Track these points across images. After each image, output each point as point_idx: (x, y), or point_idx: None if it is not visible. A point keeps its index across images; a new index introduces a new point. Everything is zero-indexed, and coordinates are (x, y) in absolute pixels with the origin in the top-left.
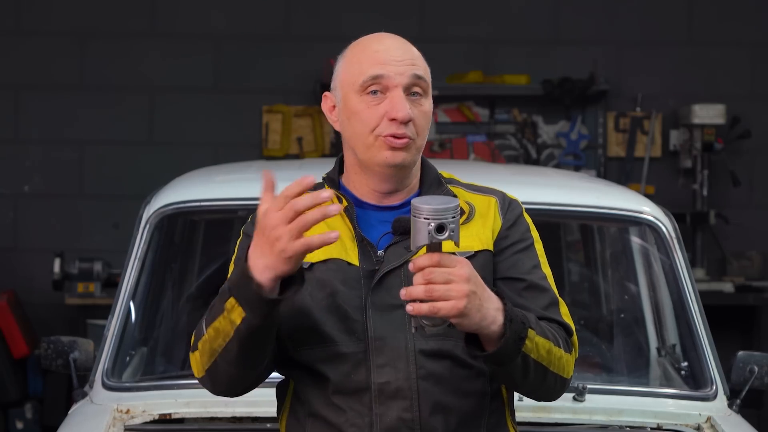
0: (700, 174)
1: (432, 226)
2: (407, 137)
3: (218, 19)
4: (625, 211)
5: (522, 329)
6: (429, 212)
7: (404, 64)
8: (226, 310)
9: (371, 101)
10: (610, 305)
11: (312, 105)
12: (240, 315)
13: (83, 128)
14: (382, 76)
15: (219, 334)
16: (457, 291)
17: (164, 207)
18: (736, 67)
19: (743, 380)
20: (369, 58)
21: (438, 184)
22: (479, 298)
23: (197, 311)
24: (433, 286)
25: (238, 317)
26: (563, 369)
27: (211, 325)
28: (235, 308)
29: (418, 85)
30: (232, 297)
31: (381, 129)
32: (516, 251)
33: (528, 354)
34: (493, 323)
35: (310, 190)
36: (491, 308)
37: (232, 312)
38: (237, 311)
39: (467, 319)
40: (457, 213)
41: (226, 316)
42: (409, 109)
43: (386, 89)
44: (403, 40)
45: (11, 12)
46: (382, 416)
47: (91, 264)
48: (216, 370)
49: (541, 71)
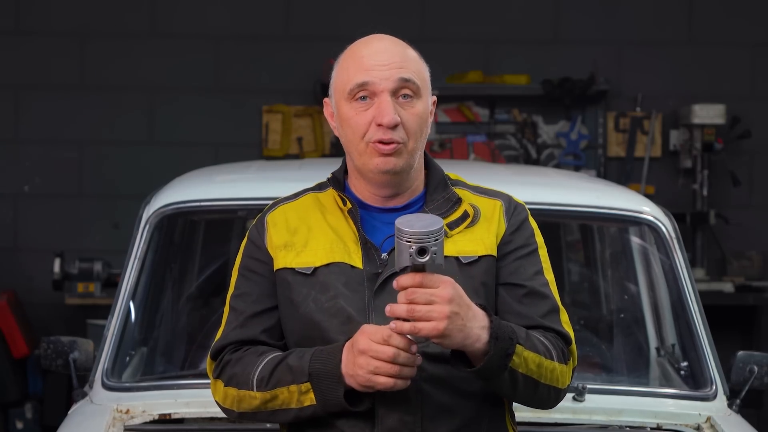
0: (700, 174)
1: (413, 249)
2: (395, 142)
3: (218, 19)
4: (625, 211)
5: (509, 345)
6: (410, 235)
7: (390, 68)
8: (297, 389)
9: (360, 107)
10: (610, 305)
11: (312, 105)
12: (311, 402)
13: (83, 128)
14: (367, 82)
15: (277, 400)
16: (439, 312)
17: (164, 207)
18: (736, 67)
19: (743, 380)
20: (355, 65)
21: (444, 186)
22: (462, 318)
23: (197, 311)
24: (415, 306)
25: (307, 402)
26: (556, 380)
27: (269, 390)
28: (309, 395)
29: (406, 88)
30: (311, 385)
31: (369, 135)
32: (518, 257)
33: (516, 369)
34: (477, 341)
35: (315, 190)
36: (475, 327)
37: (304, 396)
38: (309, 398)
39: (448, 339)
40: (441, 235)
41: (294, 393)
42: (398, 112)
43: (373, 95)
44: (394, 41)
45: (11, 12)
46: (384, 418)
47: (91, 264)
48: (254, 416)
49: (541, 71)
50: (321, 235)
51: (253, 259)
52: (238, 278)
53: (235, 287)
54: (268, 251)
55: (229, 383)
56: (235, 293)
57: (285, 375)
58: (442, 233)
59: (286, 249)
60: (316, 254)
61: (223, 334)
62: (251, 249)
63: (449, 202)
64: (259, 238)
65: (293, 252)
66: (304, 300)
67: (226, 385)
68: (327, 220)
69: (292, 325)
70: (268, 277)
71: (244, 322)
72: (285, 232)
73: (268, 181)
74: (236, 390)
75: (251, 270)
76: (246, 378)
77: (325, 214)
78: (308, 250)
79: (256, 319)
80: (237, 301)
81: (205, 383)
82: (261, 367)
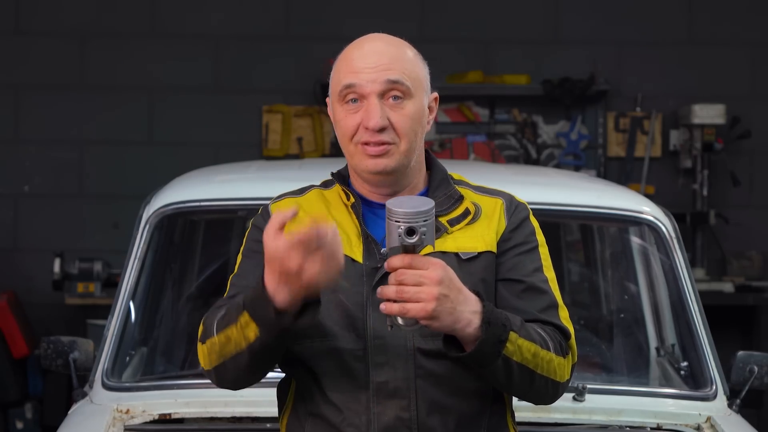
0: (700, 174)
1: (402, 229)
2: (384, 143)
3: (218, 19)
4: (625, 211)
5: (502, 332)
6: (400, 215)
7: (377, 70)
8: (240, 323)
9: (350, 109)
10: (610, 305)
11: (312, 105)
12: (254, 332)
13: (83, 128)
14: (354, 84)
15: (230, 341)
16: (427, 294)
17: (164, 207)
18: (736, 67)
19: (743, 380)
20: (345, 67)
21: (446, 184)
22: (452, 301)
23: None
24: (404, 287)
25: (252, 333)
26: (554, 372)
27: (222, 332)
28: (250, 325)
29: (395, 90)
30: (247, 313)
31: (358, 137)
32: (518, 253)
33: (510, 357)
34: (469, 326)
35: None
36: (466, 311)
37: (246, 327)
38: (251, 327)
39: (438, 321)
40: (431, 216)
41: (240, 329)
42: (388, 114)
43: (362, 97)
44: (388, 41)
45: (11, 12)
46: (380, 415)
47: (91, 264)
48: (224, 369)
49: (541, 71)
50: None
51: (256, 241)
52: (241, 261)
53: (238, 268)
54: None
55: (202, 339)
56: (237, 273)
57: (231, 313)
58: (432, 215)
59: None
60: None
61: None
62: (255, 233)
63: (451, 200)
64: (264, 223)
65: None
66: None
67: (202, 343)
68: (331, 214)
69: None
70: None
71: (238, 292)
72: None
73: (268, 181)
74: (206, 343)
75: (254, 251)
76: (210, 326)
77: (329, 208)
78: None
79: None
80: (237, 279)
81: (205, 383)
82: (220, 313)
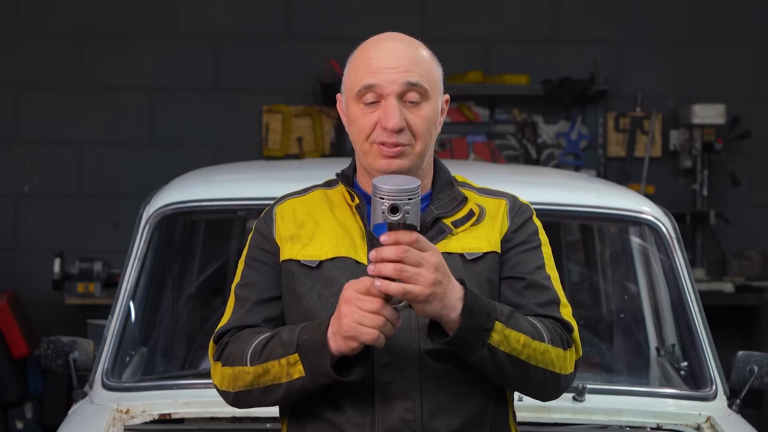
0: (700, 174)
1: (386, 206)
2: (401, 144)
3: (218, 19)
4: (625, 211)
5: (486, 321)
6: (384, 192)
7: (397, 71)
8: (286, 361)
9: (366, 109)
10: (610, 305)
11: (312, 105)
12: (300, 373)
13: (83, 128)
14: (374, 85)
15: (268, 374)
16: (425, 277)
17: (164, 207)
18: (736, 67)
19: (743, 380)
20: (364, 66)
21: (450, 185)
22: (444, 287)
23: (197, 311)
24: (405, 266)
25: (296, 373)
26: (551, 363)
27: (261, 364)
28: (297, 366)
29: (413, 92)
30: (298, 356)
31: (374, 136)
32: (520, 251)
33: (496, 347)
34: (453, 311)
35: (324, 187)
36: (453, 297)
37: (292, 367)
38: (298, 368)
39: (429, 306)
40: (416, 195)
41: (284, 366)
42: (405, 115)
43: (380, 97)
44: (406, 42)
45: (11, 12)
46: (384, 416)
47: (91, 264)
48: (248, 396)
49: (541, 71)
50: (328, 230)
51: (260, 249)
52: (244, 268)
53: (242, 277)
54: (275, 242)
55: (226, 362)
56: (240, 282)
57: (276, 348)
58: (417, 194)
59: (293, 241)
60: (322, 248)
61: (227, 320)
62: (258, 239)
63: (455, 201)
64: (267, 229)
65: (299, 244)
66: (308, 292)
67: (223, 365)
68: (335, 215)
69: (294, 316)
70: (274, 268)
71: (249, 309)
72: (292, 225)
73: (268, 181)
74: (231, 368)
75: (258, 260)
76: (241, 353)
77: (333, 209)
78: (314, 243)
79: (260, 307)
80: (242, 290)
81: (205, 383)
82: (256, 342)
